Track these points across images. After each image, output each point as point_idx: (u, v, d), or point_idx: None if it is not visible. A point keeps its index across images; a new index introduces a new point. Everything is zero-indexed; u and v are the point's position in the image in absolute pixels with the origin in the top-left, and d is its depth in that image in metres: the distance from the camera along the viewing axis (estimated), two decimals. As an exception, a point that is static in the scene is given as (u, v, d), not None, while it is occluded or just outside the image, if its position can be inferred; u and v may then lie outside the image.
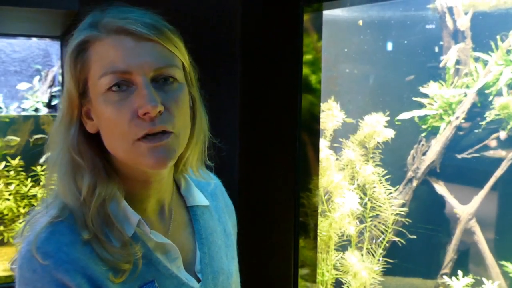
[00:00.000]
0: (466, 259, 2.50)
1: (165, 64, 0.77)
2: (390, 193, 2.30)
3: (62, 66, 2.93)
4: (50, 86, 4.37)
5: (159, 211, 0.89)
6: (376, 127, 2.14)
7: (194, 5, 1.75)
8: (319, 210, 2.15)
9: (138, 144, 0.76)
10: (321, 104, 1.93)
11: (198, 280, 0.88)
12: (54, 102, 4.33)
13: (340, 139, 2.35)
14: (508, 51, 2.32)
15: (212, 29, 1.72)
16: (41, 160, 3.63)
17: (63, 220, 0.78)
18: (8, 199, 3.60)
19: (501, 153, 2.41)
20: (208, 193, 1.00)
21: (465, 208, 2.49)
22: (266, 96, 1.73)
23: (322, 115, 2.13)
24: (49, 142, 0.84)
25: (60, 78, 4.37)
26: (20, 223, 0.90)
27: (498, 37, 2.34)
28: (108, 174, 0.81)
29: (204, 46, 1.82)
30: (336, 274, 2.34)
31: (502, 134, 2.39)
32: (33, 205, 3.60)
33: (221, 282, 0.93)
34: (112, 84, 0.75)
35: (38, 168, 3.61)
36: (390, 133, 2.18)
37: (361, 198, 2.31)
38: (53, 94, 4.30)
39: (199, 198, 0.96)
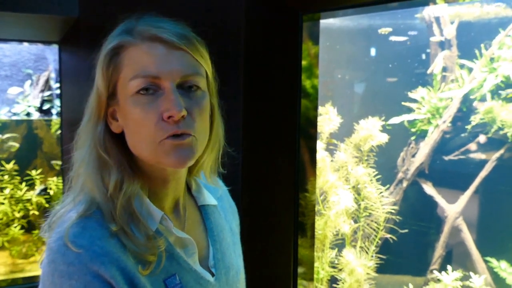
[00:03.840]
0: (454, 255, 2.59)
1: (192, 72, 0.83)
2: (381, 192, 2.40)
3: (60, 71, 2.96)
4: (42, 91, 4.37)
5: (175, 209, 0.94)
6: (372, 131, 2.23)
7: (200, 15, 1.82)
8: (315, 210, 2.23)
9: (163, 143, 0.81)
10: (319, 107, 2.01)
11: (212, 275, 0.94)
12: (45, 107, 4.33)
13: (336, 142, 2.44)
14: (491, 59, 2.44)
15: (217, 38, 1.78)
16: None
17: (91, 215, 0.81)
18: (3, 203, 3.59)
19: (486, 155, 2.52)
20: (214, 194, 1.06)
21: (452, 207, 2.59)
22: (267, 102, 1.80)
23: (319, 118, 2.21)
24: (77, 140, 0.88)
25: (52, 82, 4.38)
26: (45, 217, 0.92)
27: (482, 45, 2.46)
28: (132, 171, 0.86)
29: (209, 55, 1.89)
30: (332, 272, 2.42)
31: (482, 138, 2.51)
32: (28, 209, 3.60)
33: (232, 277, 0.99)
34: (141, 87, 0.80)
35: (33, 172, 3.63)
36: (384, 138, 2.27)
37: (355, 198, 2.40)
38: (45, 98, 4.30)
39: (209, 198, 1.02)
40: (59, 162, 3.73)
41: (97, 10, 2.38)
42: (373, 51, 2.87)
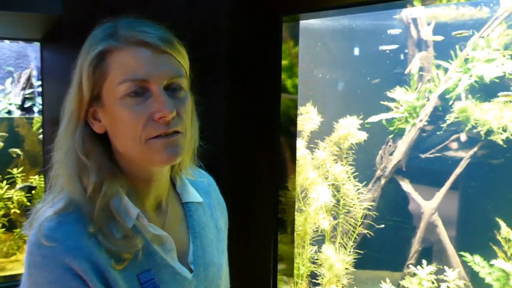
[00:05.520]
0: (430, 250, 2.66)
1: (177, 75, 0.86)
2: (358, 189, 2.45)
3: (41, 69, 2.95)
4: (23, 88, 4.33)
5: (157, 206, 0.96)
6: (350, 129, 2.29)
7: (183, 16, 1.85)
8: (295, 207, 2.27)
9: (152, 142, 0.83)
10: (300, 107, 2.06)
11: (191, 271, 0.96)
12: (27, 105, 4.29)
13: (316, 140, 2.49)
14: (466, 60, 2.52)
15: (200, 38, 1.82)
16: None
17: (69, 212, 0.84)
18: (-17, 202, 3.56)
19: (460, 153, 2.60)
20: (202, 190, 1.08)
21: (428, 204, 2.66)
22: (248, 101, 1.84)
23: (300, 117, 2.26)
24: (57, 141, 0.89)
25: (33, 80, 4.34)
26: (27, 215, 0.94)
27: (457, 46, 2.54)
28: (113, 172, 0.88)
29: (193, 54, 1.92)
30: (313, 267, 2.47)
31: (463, 137, 2.58)
32: (9, 208, 3.57)
33: (212, 273, 1.01)
34: (130, 91, 0.83)
35: (14, 171, 3.60)
36: (363, 135, 2.33)
37: (334, 195, 2.46)
38: (26, 96, 4.26)
39: (193, 195, 1.04)
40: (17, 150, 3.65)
41: (81, 8, 2.38)
42: (353, 51, 2.93)
